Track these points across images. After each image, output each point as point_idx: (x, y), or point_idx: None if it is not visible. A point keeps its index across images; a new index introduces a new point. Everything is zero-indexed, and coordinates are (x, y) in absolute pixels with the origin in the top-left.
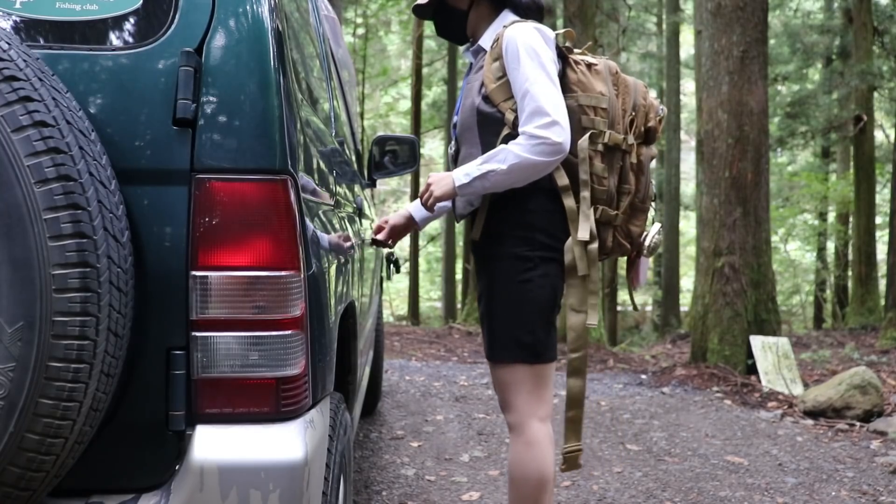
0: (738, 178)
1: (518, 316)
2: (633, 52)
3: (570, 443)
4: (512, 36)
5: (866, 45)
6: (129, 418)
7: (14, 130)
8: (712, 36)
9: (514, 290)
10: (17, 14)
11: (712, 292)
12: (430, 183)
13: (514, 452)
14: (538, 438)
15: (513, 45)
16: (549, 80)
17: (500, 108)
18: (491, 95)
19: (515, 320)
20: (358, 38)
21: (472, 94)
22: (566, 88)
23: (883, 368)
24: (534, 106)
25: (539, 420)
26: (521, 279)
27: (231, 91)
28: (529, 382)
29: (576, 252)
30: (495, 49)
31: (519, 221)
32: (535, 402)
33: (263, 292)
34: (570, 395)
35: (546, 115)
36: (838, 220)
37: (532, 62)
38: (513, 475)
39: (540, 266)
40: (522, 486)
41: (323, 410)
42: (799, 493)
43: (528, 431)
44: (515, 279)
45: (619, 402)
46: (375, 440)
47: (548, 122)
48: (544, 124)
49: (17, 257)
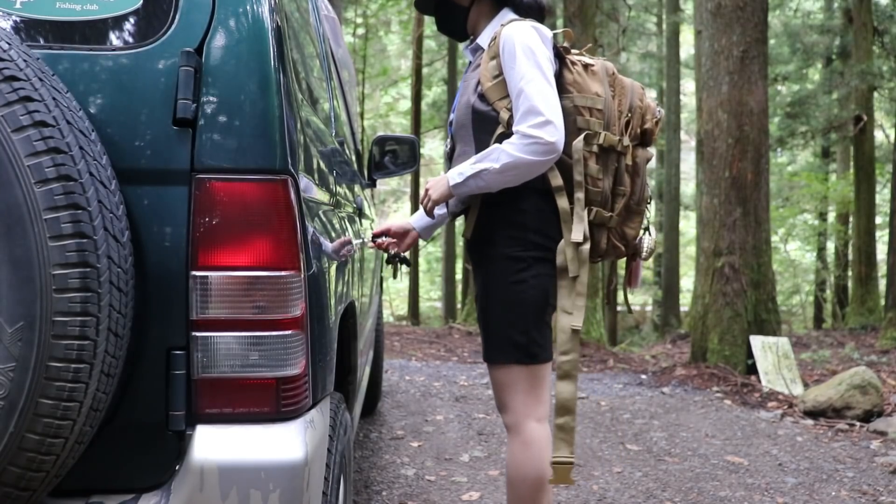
0: (738, 178)
1: (512, 317)
2: (633, 52)
3: (559, 453)
4: (509, 34)
5: (866, 45)
6: (129, 418)
7: (14, 130)
8: (712, 36)
9: (508, 291)
10: (17, 14)
11: (712, 292)
12: (427, 188)
13: (511, 453)
14: (535, 439)
15: (509, 44)
16: (545, 80)
17: (495, 106)
18: (487, 94)
19: (509, 321)
20: (358, 38)
21: (468, 92)
22: (562, 89)
23: (883, 368)
24: (528, 105)
25: (536, 420)
26: (514, 280)
27: (231, 91)
28: (525, 383)
29: (568, 254)
30: (492, 47)
31: (512, 221)
32: (532, 402)
33: (263, 292)
34: (560, 402)
35: (540, 114)
36: (838, 220)
37: (528, 61)
38: (510, 476)
39: (533, 266)
40: (520, 487)
41: (323, 410)
42: (799, 493)
43: (525, 432)
44: (508, 280)
45: (619, 402)
46: (375, 440)
47: (541, 121)
48: (537, 123)
49: (17, 257)
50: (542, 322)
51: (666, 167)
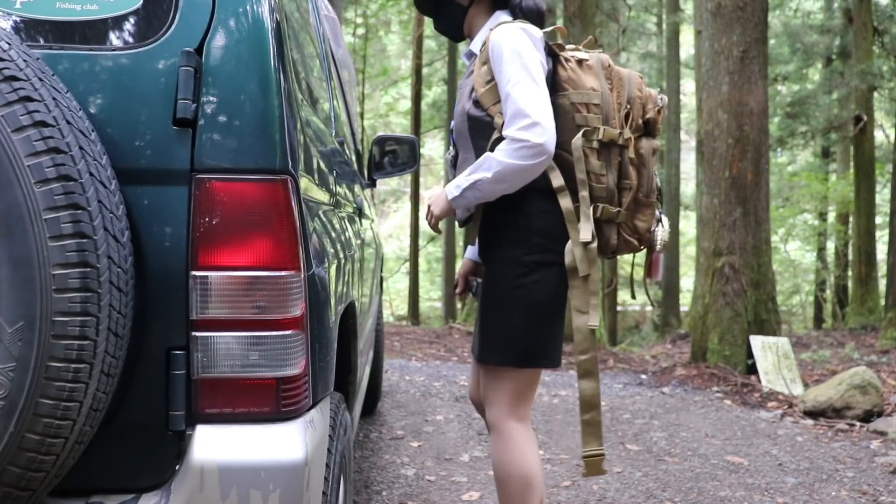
0: (738, 178)
1: (509, 321)
2: (633, 52)
3: (589, 446)
4: (497, 39)
5: (866, 45)
6: (129, 418)
7: (14, 130)
8: (712, 36)
9: (507, 294)
10: (17, 14)
11: (712, 292)
12: (429, 204)
13: (494, 452)
14: (513, 437)
15: (497, 48)
16: (532, 81)
17: (489, 111)
18: (480, 100)
19: (506, 325)
20: (358, 38)
21: (463, 99)
22: (558, 87)
23: (883, 368)
24: (514, 108)
25: (516, 419)
26: (515, 285)
27: (231, 91)
28: (514, 385)
29: (576, 253)
30: (483, 52)
31: (515, 224)
32: (515, 402)
33: (263, 292)
34: (584, 399)
35: (526, 116)
36: (838, 220)
37: (514, 64)
38: (496, 474)
39: (536, 271)
40: (506, 485)
41: (323, 410)
42: (799, 493)
43: (504, 430)
44: (508, 284)
45: (619, 402)
46: (375, 440)
47: (528, 123)
48: (524, 126)
49: (17, 257)
50: (544, 327)
51: (666, 167)
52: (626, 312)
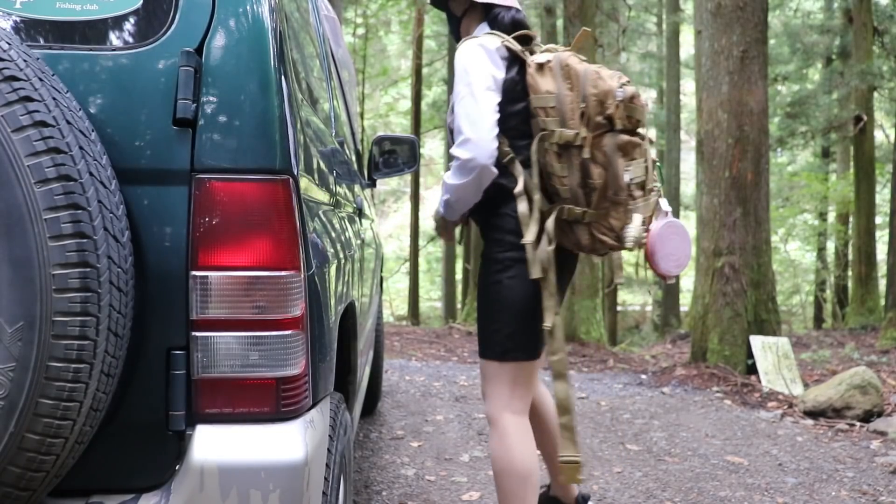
0: (738, 178)
1: (490, 316)
2: (633, 52)
3: (566, 451)
4: (456, 56)
5: (866, 45)
6: (129, 418)
7: (14, 130)
8: (712, 36)
9: (488, 291)
10: (17, 14)
11: (712, 292)
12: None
13: (492, 447)
14: (508, 430)
15: (455, 66)
16: (471, 97)
17: None
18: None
19: (488, 320)
20: (358, 38)
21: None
22: (524, 94)
23: (883, 368)
24: (456, 125)
25: (511, 413)
26: (493, 280)
27: (231, 91)
28: (505, 377)
29: (528, 255)
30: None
31: (493, 224)
32: (509, 395)
33: (263, 292)
34: (557, 401)
35: (460, 133)
36: (838, 220)
37: (461, 81)
38: (494, 468)
39: (512, 268)
40: (503, 480)
41: (323, 410)
42: (799, 493)
43: (501, 423)
44: (489, 280)
45: (619, 402)
46: (375, 440)
47: (461, 140)
48: (459, 143)
49: (17, 257)
50: (524, 322)
51: (666, 167)
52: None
